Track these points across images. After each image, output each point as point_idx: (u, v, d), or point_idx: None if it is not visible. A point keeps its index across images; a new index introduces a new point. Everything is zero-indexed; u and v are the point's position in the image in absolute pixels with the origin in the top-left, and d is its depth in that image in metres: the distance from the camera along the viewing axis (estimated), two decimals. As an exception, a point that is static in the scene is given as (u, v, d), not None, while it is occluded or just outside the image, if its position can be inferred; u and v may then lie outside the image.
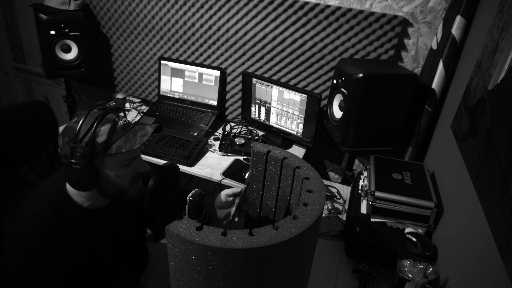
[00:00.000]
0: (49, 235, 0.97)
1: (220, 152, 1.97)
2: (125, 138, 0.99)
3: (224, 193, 1.24)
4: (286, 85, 1.97)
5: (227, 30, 2.08)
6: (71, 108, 2.56)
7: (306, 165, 0.90)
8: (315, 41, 1.93)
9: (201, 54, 2.22)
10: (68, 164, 0.94)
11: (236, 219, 1.16)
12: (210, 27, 2.11)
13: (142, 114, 2.23)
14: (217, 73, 2.19)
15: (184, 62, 2.24)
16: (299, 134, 2.03)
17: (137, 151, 1.03)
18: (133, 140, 0.99)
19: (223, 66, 2.19)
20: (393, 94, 1.64)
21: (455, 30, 1.59)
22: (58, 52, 2.17)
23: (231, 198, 1.24)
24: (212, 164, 1.87)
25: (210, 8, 2.06)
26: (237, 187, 1.25)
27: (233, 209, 1.17)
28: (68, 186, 1.03)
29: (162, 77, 2.28)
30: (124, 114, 1.08)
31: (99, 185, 1.00)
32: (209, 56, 2.20)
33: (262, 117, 2.14)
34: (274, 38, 2.01)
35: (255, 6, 1.97)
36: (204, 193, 1.00)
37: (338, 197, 1.69)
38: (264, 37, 2.02)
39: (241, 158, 1.94)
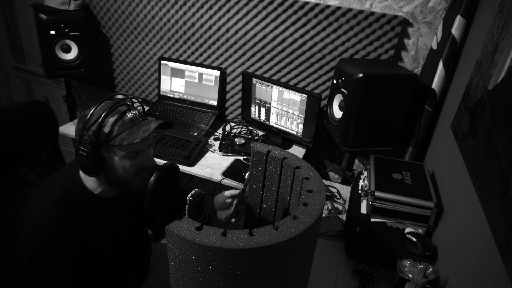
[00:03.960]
0: (63, 219, 1.00)
1: (220, 152, 1.97)
2: (130, 131, 1.01)
3: (224, 194, 1.25)
4: (286, 85, 1.97)
5: (227, 30, 2.08)
6: (71, 108, 2.55)
7: (306, 165, 0.90)
8: (315, 41, 1.93)
9: (201, 54, 2.22)
10: (76, 149, 0.99)
11: (233, 220, 1.16)
12: (210, 27, 2.11)
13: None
14: (217, 73, 2.19)
15: (184, 62, 2.24)
16: (299, 134, 2.03)
17: (142, 145, 1.04)
18: (136, 134, 1.00)
19: (223, 66, 2.19)
20: (393, 94, 1.64)
21: (455, 30, 1.59)
22: (58, 52, 2.17)
23: (230, 200, 1.25)
24: (212, 164, 1.87)
25: (210, 8, 2.06)
26: (236, 189, 1.25)
27: (231, 211, 1.18)
28: (81, 172, 1.06)
29: (162, 77, 2.28)
30: (143, 107, 1.13)
31: (106, 173, 1.03)
32: (209, 56, 2.20)
33: (262, 117, 2.14)
34: (274, 38, 2.01)
35: (255, 6, 1.97)
36: (204, 193, 1.00)
37: (338, 197, 1.69)
38: (264, 37, 2.02)
39: (241, 158, 1.94)
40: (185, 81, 2.26)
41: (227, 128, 2.19)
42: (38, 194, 1.04)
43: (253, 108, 2.14)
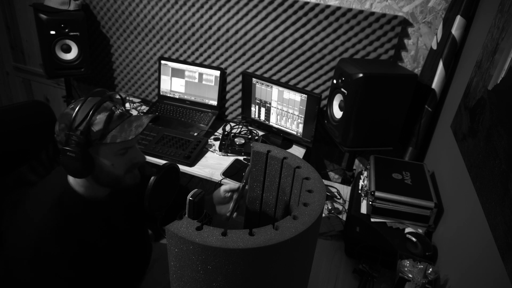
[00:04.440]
0: (62, 220, 0.98)
1: (220, 152, 1.97)
2: (121, 128, 0.98)
3: (222, 188, 1.25)
4: (286, 85, 1.97)
5: (227, 30, 2.08)
6: (71, 108, 2.55)
7: (306, 165, 0.90)
8: (315, 41, 1.93)
9: (201, 54, 2.22)
10: (63, 152, 0.95)
11: (234, 215, 1.16)
12: (210, 27, 2.11)
13: (142, 114, 2.24)
14: (217, 73, 2.19)
15: (184, 62, 2.24)
16: (299, 134, 2.03)
17: (133, 141, 1.03)
18: (128, 130, 0.98)
19: (223, 66, 2.19)
20: (393, 94, 1.64)
21: (455, 30, 1.59)
22: (58, 52, 2.17)
23: (229, 194, 1.25)
24: (212, 164, 1.87)
25: (210, 8, 2.06)
26: (235, 183, 1.25)
27: (231, 205, 1.17)
28: (69, 177, 1.04)
29: (162, 77, 2.28)
30: (123, 102, 1.09)
31: (94, 173, 1.00)
32: (209, 56, 2.20)
33: (262, 117, 2.14)
34: (274, 38, 2.01)
35: (255, 6, 1.97)
36: (204, 193, 1.00)
37: (338, 197, 1.69)
38: (264, 37, 2.02)
39: (241, 158, 1.94)
40: (185, 81, 2.26)
41: (227, 128, 2.19)
42: (35, 200, 1.02)
43: (253, 108, 2.14)
